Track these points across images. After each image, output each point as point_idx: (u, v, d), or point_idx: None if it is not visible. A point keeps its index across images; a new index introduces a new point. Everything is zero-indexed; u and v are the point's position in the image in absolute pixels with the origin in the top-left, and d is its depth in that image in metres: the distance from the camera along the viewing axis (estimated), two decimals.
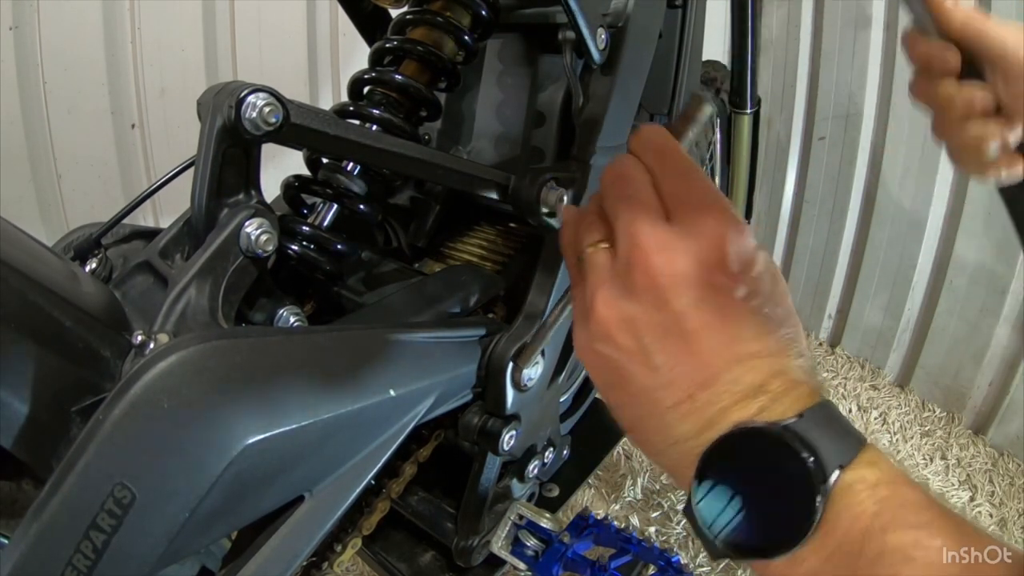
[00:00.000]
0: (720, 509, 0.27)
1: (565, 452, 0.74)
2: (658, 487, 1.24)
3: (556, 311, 0.44)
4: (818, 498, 0.25)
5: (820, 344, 1.78)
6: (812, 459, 0.26)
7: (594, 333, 0.31)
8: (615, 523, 0.62)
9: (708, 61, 1.14)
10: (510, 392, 0.53)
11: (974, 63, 0.46)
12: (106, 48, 1.11)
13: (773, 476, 0.26)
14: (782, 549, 0.25)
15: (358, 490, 0.41)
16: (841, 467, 0.26)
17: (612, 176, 0.33)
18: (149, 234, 0.59)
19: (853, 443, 0.27)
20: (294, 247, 0.53)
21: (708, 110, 0.37)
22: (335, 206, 0.57)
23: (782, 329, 0.30)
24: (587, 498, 1.20)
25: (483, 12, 0.62)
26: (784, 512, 0.26)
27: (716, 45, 1.51)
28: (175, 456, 0.33)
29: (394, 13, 0.67)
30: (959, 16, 0.45)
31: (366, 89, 0.61)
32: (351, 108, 0.58)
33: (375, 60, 0.63)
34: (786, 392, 0.28)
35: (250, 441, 0.34)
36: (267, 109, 0.43)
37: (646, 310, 0.29)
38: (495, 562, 0.62)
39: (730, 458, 0.27)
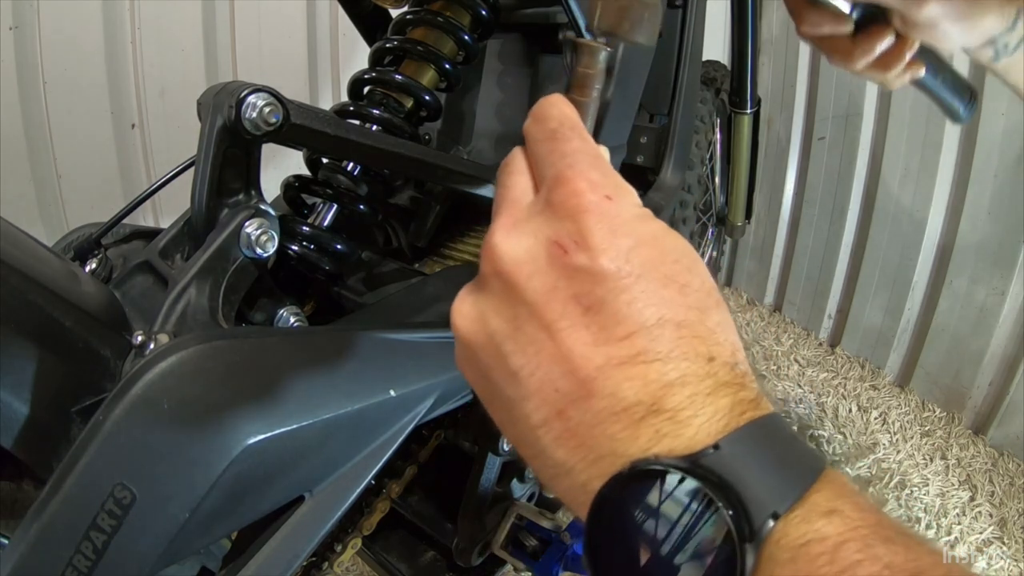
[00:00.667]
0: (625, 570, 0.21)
1: None
2: None
3: None
4: (744, 563, 0.18)
5: (820, 344, 1.78)
6: (730, 509, 0.19)
7: (456, 335, 0.26)
8: None
9: (708, 61, 1.14)
10: None
11: (865, 6, 0.44)
12: (106, 48, 1.11)
13: (683, 536, 0.20)
14: None
15: (358, 490, 0.41)
16: (775, 515, 0.19)
17: (499, 171, 0.28)
18: (149, 234, 0.59)
19: (798, 478, 0.20)
20: (294, 247, 0.53)
21: (602, 55, 0.32)
22: (335, 206, 0.57)
23: (688, 317, 0.22)
24: None
25: (483, 12, 0.62)
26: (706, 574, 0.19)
27: (716, 45, 1.51)
28: (175, 456, 0.33)
29: (394, 13, 0.67)
30: None
31: (366, 89, 0.61)
32: (351, 108, 0.58)
33: (375, 60, 0.63)
34: (695, 410, 0.21)
35: (250, 441, 0.34)
36: (267, 109, 0.43)
37: (495, 301, 0.24)
38: (495, 562, 0.62)
39: (624, 513, 0.20)
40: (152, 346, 0.38)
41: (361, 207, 0.57)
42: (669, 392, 0.21)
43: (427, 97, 0.60)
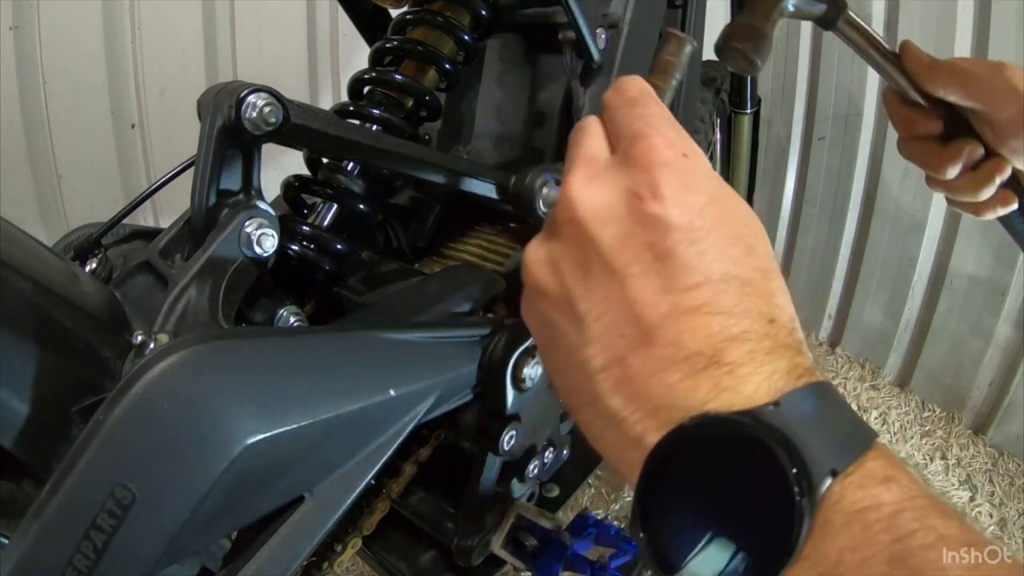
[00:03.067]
0: (667, 528, 0.20)
1: (565, 452, 0.74)
2: None
3: None
4: (796, 518, 0.18)
5: (820, 344, 1.78)
6: (792, 467, 0.19)
7: (526, 283, 0.27)
8: (615, 523, 0.62)
9: (708, 61, 1.14)
10: (510, 392, 0.53)
11: (957, 117, 0.45)
12: (106, 48, 1.11)
13: (740, 486, 0.20)
14: None
15: (358, 490, 0.41)
16: (834, 473, 0.19)
17: (572, 134, 0.29)
18: (149, 234, 0.59)
19: (854, 444, 0.20)
20: (294, 247, 0.53)
21: (688, 48, 0.33)
22: (335, 206, 0.57)
23: (753, 276, 0.23)
24: (587, 498, 1.20)
25: (483, 12, 0.62)
26: (753, 539, 0.19)
27: None
28: (175, 456, 0.33)
29: (394, 13, 0.67)
30: (940, 76, 0.44)
31: (366, 89, 0.61)
32: (351, 108, 0.58)
33: (375, 60, 0.63)
34: (754, 367, 0.21)
35: (250, 441, 0.34)
36: (267, 109, 0.43)
37: (568, 247, 0.25)
38: (495, 562, 0.62)
39: (679, 463, 0.21)
40: (152, 346, 0.38)
41: (361, 207, 0.57)
42: (730, 346, 0.21)
43: (427, 97, 0.60)
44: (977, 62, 0.44)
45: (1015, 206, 0.49)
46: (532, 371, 0.54)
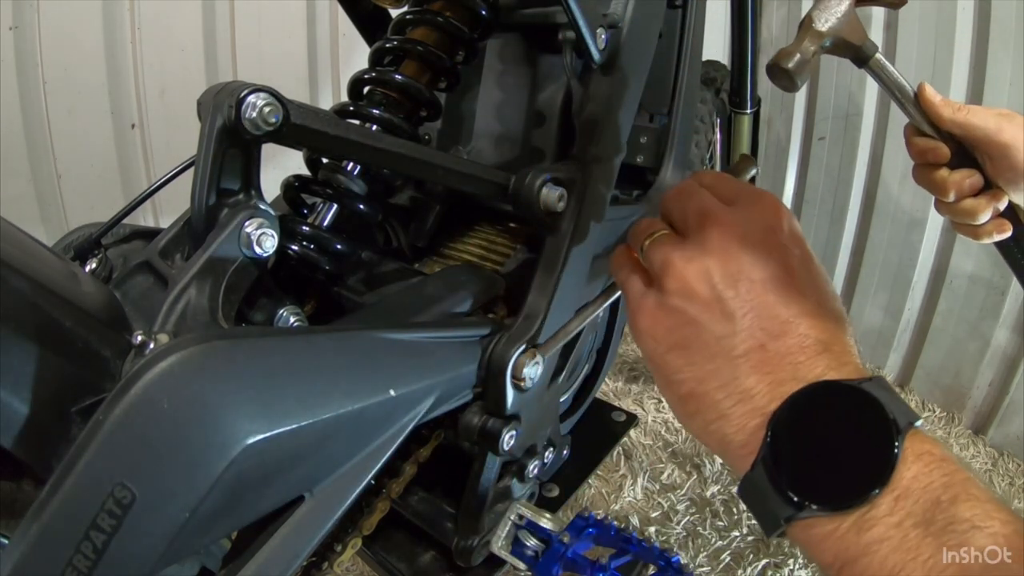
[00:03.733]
0: (792, 462, 0.28)
1: (565, 452, 0.74)
2: (658, 487, 1.24)
3: (593, 305, 0.51)
4: (895, 448, 0.26)
5: None
6: (891, 414, 0.27)
7: (669, 290, 0.34)
8: (615, 523, 0.62)
9: (708, 61, 1.14)
10: (510, 392, 0.53)
11: (963, 150, 0.54)
12: (106, 48, 1.11)
13: (851, 430, 0.28)
14: (856, 500, 0.26)
15: (358, 490, 0.41)
16: (911, 425, 0.27)
17: (673, 193, 0.39)
18: (149, 234, 0.59)
19: (913, 415, 0.28)
20: (294, 247, 0.53)
21: (753, 171, 0.46)
22: (335, 206, 0.57)
23: (833, 301, 0.33)
24: (587, 498, 1.20)
25: (483, 12, 0.62)
26: (860, 464, 0.27)
27: (716, 45, 1.51)
28: (175, 456, 0.33)
29: (394, 13, 0.67)
30: (947, 113, 0.53)
31: (366, 89, 0.61)
32: (351, 108, 0.58)
33: (375, 60, 0.63)
34: (846, 358, 0.30)
35: (250, 441, 0.34)
36: (267, 109, 0.43)
37: (720, 262, 0.33)
38: (495, 562, 0.62)
39: (805, 413, 0.29)
40: (152, 346, 0.38)
41: (361, 207, 0.57)
42: (837, 339, 0.31)
43: (427, 97, 0.60)
44: (984, 110, 0.52)
45: (1009, 233, 0.57)
46: (532, 371, 0.54)
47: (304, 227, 0.54)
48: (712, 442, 0.33)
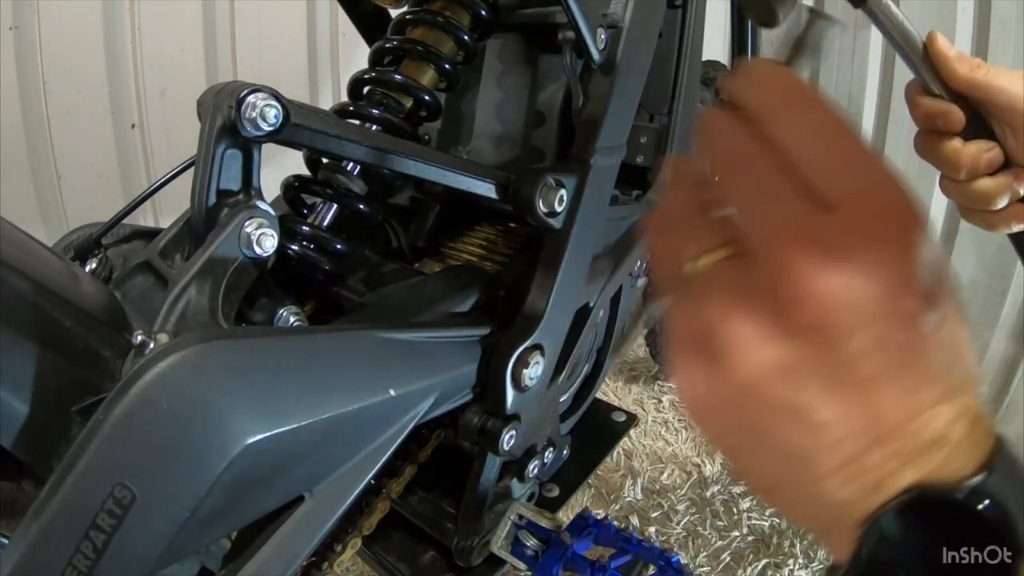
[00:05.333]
0: None
1: (565, 452, 0.74)
2: (658, 487, 1.24)
3: (628, 333, 0.40)
4: None
5: None
6: (1008, 539, 0.19)
7: (734, 385, 0.22)
8: (615, 523, 0.62)
9: (708, 61, 1.14)
10: (510, 392, 0.53)
11: (979, 117, 0.44)
12: (106, 48, 1.11)
13: (959, 552, 0.20)
14: None
15: (358, 490, 0.41)
16: None
17: (717, 149, 0.23)
18: (149, 234, 0.59)
19: None
20: (294, 247, 0.53)
21: (829, 29, 0.29)
22: (335, 206, 0.57)
23: (964, 356, 0.22)
24: (587, 498, 1.20)
25: (483, 12, 0.62)
26: None
27: (716, 45, 1.51)
28: (175, 456, 0.33)
29: (394, 13, 0.67)
30: (963, 70, 0.42)
31: (366, 89, 0.61)
32: (351, 108, 0.58)
33: (375, 60, 0.63)
34: (967, 436, 0.21)
35: (250, 441, 0.34)
36: (267, 109, 0.43)
37: (812, 355, 0.21)
38: (495, 562, 0.62)
39: (899, 529, 0.21)
40: (152, 346, 0.38)
41: (361, 207, 0.57)
42: (954, 425, 0.21)
43: (427, 97, 0.60)
44: (1009, 72, 0.43)
45: None
46: (532, 371, 0.54)
47: (304, 227, 0.54)
48: (808, 530, 0.25)
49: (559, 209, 0.55)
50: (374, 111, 0.57)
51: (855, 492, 0.21)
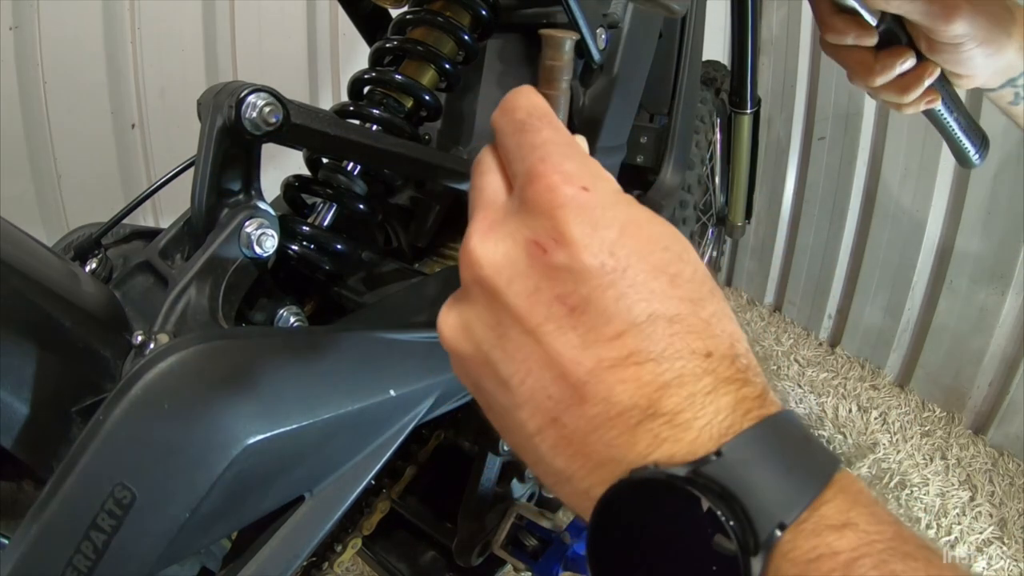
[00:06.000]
0: None
1: None
2: None
3: None
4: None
5: (820, 344, 1.78)
6: (732, 521, 0.17)
7: (447, 351, 0.25)
8: None
9: (708, 61, 1.14)
10: None
11: (893, 25, 0.45)
12: (106, 48, 1.11)
13: (685, 547, 0.18)
14: None
15: (358, 490, 0.41)
16: (782, 526, 0.18)
17: (472, 171, 0.27)
18: (149, 234, 0.59)
19: (807, 486, 0.18)
20: (294, 247, 0.53)
21: (567, 45, 0.31)
22: (335, 206, 0.57)
23: (680, 310, 0.21)
24: None
25: (483, 12, 0.62)
26: None
27: (716, 45, 1.51)
28: (175, 456, 0.33)
29: (394, 13, 0.67)
30: None
31: (366, 89, 0.61)
32: (351, 108, 0.58)
33: (375, 60, 0.63)
34: (694, 412, 0.19)
35: (250, 441, 0.34)
36: (267, 109, 0.43)
37: (478, 309, 0.23)
38: (495, 562, 0.62)
39: (625, 521, 0.19)
40: (152, 346, 0.38)
41: (361, 207, 0.57)
42: (665, 394, 0.20)
43: (427, 97, 0.60)
44: None
45: (939, 103, 0.49)
46: None
47: (304, 227, 0.54)
48: None
49: None
50: (374, 111, 0.57)
51: (573, 463, 0.21)
